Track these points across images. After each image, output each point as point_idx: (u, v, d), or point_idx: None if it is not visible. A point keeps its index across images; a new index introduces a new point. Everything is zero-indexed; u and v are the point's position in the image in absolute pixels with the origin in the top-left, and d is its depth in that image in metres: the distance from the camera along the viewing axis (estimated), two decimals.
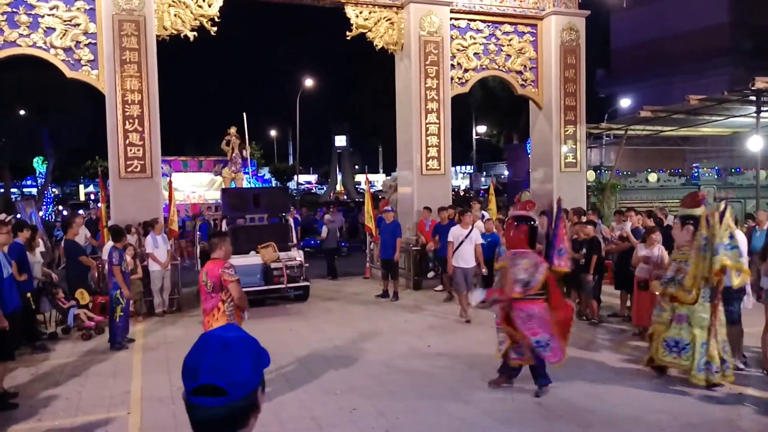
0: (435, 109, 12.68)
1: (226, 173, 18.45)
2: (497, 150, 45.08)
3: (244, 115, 18.24)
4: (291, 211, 12.99)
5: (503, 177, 43.04)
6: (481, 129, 41.86)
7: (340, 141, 51.07)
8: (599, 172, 16.93)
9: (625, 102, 29.97)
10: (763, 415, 5.43)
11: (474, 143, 42.46)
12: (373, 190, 25.68)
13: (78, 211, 20.82)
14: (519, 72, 13.74)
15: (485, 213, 12.78)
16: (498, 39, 13.52)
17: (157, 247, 10.02)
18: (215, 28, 11.47)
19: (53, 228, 17.97)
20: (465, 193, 37.33)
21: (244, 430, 1.34)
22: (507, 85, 14.36)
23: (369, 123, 42.17)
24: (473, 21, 13.28)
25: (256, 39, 56.83)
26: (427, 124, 12.67)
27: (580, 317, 9.11)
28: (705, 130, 16.73)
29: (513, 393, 6.04)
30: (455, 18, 13.03)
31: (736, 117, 14.28)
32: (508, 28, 13.56)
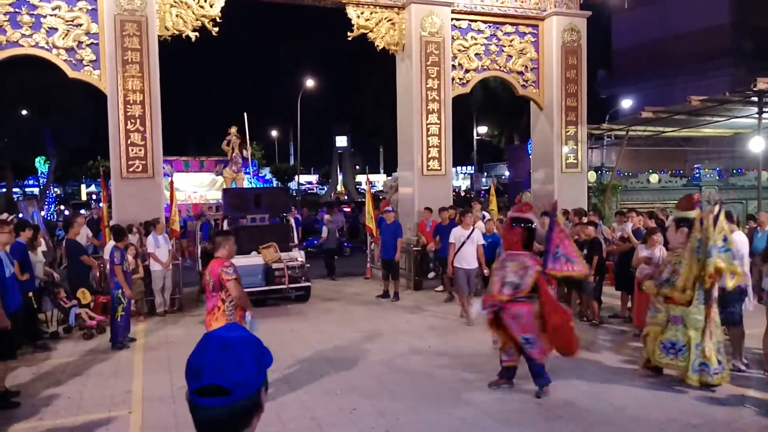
0: (436, 110, 12.69)
1: (227, 173, 18.45)
2: (498, 150, 45.05)
3: (245, 115, 18.25)
4: (292, 212, 12.99)
5: (504, 178, 42.99)
6: (482, 129, 41.83)
7: (341, 141, 51.05)
8: (600, 172, 16.91)
9: (627, 103, 29.97)
10: (764, 417, 5.43)
11: (475, 144, 42.44)
12: (374, 190, 25.70)
13: (80, 211, 20.91)
14: (520, 72, 13.75)
15: (486, 214, 12.78)
16: (499, 39, 13.52)
17: (159, 247, 10.04)
18: (217, 28, 11.50)
19: (55, 227, 17.98)
20: (466, 194, 37.27)
21: (247, 429, 1.35)
22: (508, 86, 14.37)
23: (370, 123, 42.13)
24: (474, 21, 13.29)
25: (257, 39, 57.02)
26: (428, 124, 12.67)
27: (581, 318, 9.13)
28: (706, 131, 16.72)
29: (513, 393, 6.05)
30: (456, 18, 13.03)
31: (737, 118, 14.27)
32: (509, 28, 13.57)
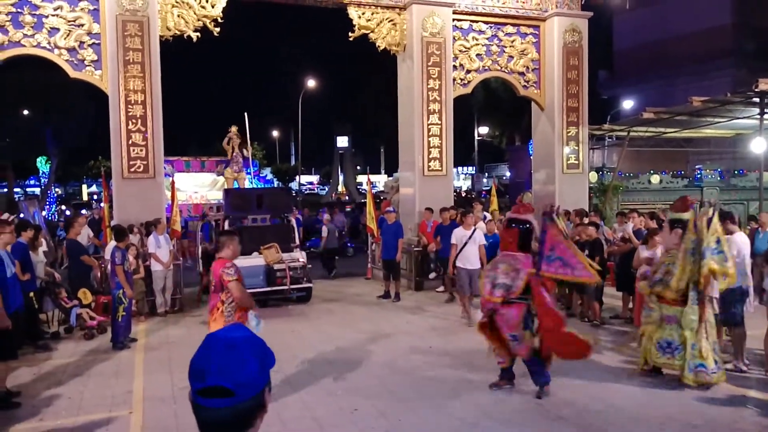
0: (437, 110, 12.68)
1: (228, 173, 18.43)
2: (499, 151, 45.07)
3: (245, 115, 18.22)
4: (293, 212, 12.99)
5: (505, 178, 42.96)
6: (483, 130, 41.85)
7: (342, 142, 51.09)
8: (602, 173, 16.91)
9: (628, 103, 29.97)
10: (765, 417, 5.42)
11: (476, 144, 42.46)
12: (375, 190, 25.67)
13: (81, 211, 20.91)
14: (521, 73, 13.74)
15: (487, 214, 12.78)
16: (500, 40, 13.51)
17: (160, 247, 10.03)
18: (218, 28, 11.50)
19: (56, 228, 18.01)
20: (467, 194, 37.27)
21: (250, 430, 1.34)
22: (509, 87, 14.36)
23: (371, 124, 42.16)
24: (476, 22, 13.28)
25: (258, 40, 56.99)
26: (429, 125, 12.67)
27: (582, 319, 9.13)
28: (708, 131, 16.71)
29: (513, 393, 6.05)
30: (458, 19, 13.03)
31: (739, 119, 14.25)
32: (510, 29, 13.56)
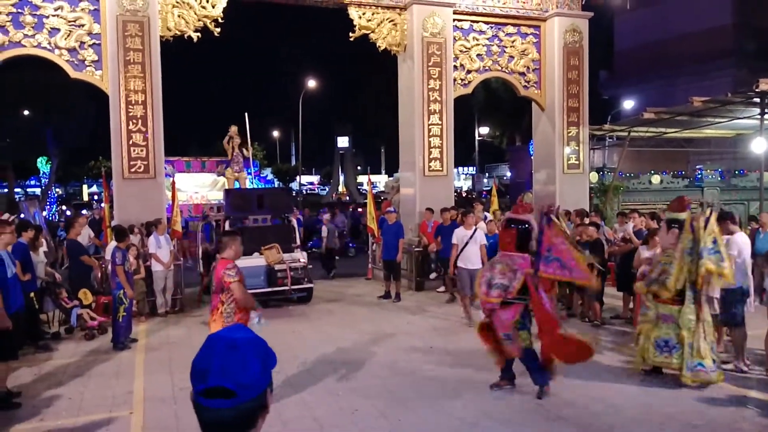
0: (438, 111, 12.68)
1: (229, 174, 18.42)
2: (500, 151, 45.04)
3: (245, 115, 18.21)
4: (294, 212, 12.99)
5: (506, 178, 42.97)
6: (484, 130, 41.82)
7: (342, 142, 51.11)
8: (602, 173, 16.91)
9: (629, 103, 29.96)
10: (766, 417, 5.42)
11: (476, 144, 42.42)
12: (376, 191, 25.66)
13: (81, 211, 20.90)
14: (522, 73, 13.74)
15: (488, 214, 12.77)
16: (501, 40, 13.51)
17: (160, 248, 10.03)
18: (219, 29, 11.50)
19: (57, 228, 18.00)
20: (467, 195, 37.27)
21: (252, 430, 1.34)
22: (510, 87, 14.35)
23: (372, 124, 42.16)
24: (476, 22, 13.28)
25: (259, 40, 57.12)
26: (430, 125, 12.67)
27: (582, 319, 9.13)
28: (708, 131, 16.71)
29: (514, 394, 6.04)
30: (458, 19, 13.02)
31: (739, 119, 14.25)
32: (511, 29, 13.56)
